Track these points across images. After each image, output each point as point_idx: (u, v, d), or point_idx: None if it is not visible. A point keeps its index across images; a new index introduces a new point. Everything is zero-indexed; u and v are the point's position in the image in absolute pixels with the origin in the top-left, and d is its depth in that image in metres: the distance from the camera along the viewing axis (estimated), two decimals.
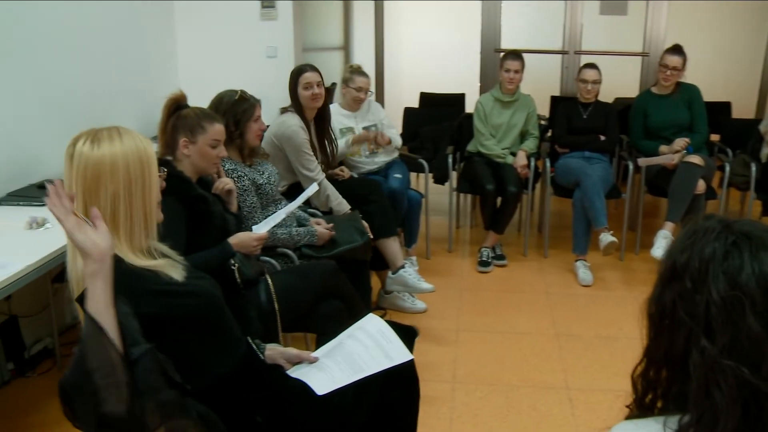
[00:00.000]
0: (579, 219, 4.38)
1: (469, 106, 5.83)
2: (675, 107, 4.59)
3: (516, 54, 4.60)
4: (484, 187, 4.38)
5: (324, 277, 2.79)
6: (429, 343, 3.46)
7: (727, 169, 4.61)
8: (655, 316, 1.12)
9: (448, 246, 4.88)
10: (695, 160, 4.25)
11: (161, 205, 1.72)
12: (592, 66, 4.64)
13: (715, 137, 5.22)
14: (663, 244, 4.09)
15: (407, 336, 2.10)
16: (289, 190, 3.64)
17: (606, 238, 4.13)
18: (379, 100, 7.84)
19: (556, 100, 5.88)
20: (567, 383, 3.15)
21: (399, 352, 1.98)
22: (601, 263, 4.50)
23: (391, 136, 4.25)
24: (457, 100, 6.26)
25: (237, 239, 2.58)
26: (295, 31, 5.14)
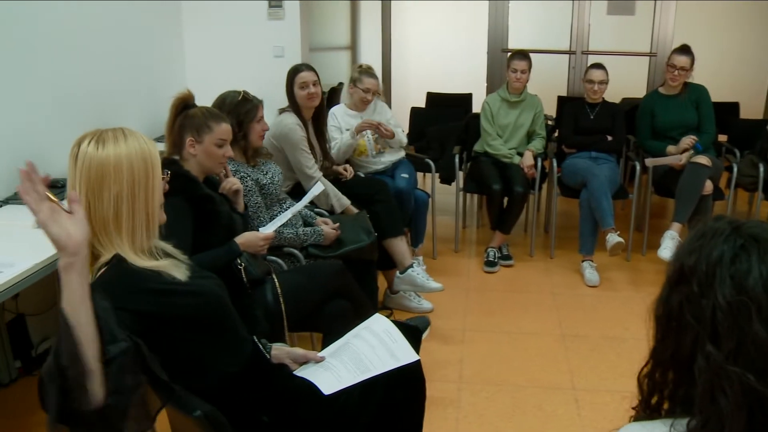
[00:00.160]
0: (586, 219, 4.37)
1: (476, 106, 5.83)
2: (682, 107, 4.57)
3: (523, 54, 4.59)
4: (491, 187, 4.37)
5: (331, 277, 2.79)
6: (435, 343, 3.46)
7: (734, 169, 4.59)
8: (662, 318, 1.10)
9: (455, 246, 4.87)
10: (703, 160, 4.23)
11: (165, 206, 1.72)
12: (598, 66, 4.62)
13: (722, 138, 5.21)
14: (670, 245, 4.07)
15: (413, 336, 2.11)
16: (294, 189, 3.64)
17: (613, 239, 4.12)
18: (386, 100, 7.85)
19: (563, 100, 5.88)
20: (573, 384, 3.14)
21: (405, 353, 1.98)
22: (607, 264, 4.49)
23: (397, 134, 4.25)
24: (464, 100, 6.26)
25: (244, 239, 2.59)
26: (302, 31, 5.14)
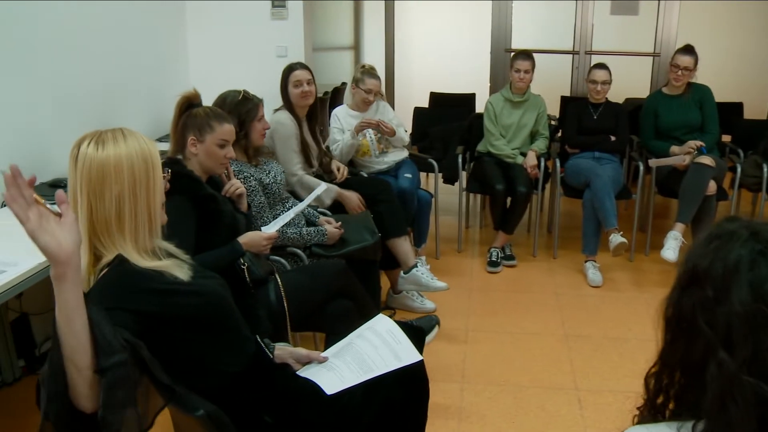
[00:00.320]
0: (589, 219, 4.36)
1: (479, 106, 5.83)
2: (686, 108, 4.56)
3: (526, 54, 4.59)
4: (494, 187, 4.37)
5: (334, 277, 2.79)
6: (438, 343, 3.44)
7: (738, 170, 4.58)
8: (672, 320, 1.07)
9: (458, 246, 4.87)
10: (706, 161, 4.22)
11: (168, 206, 1.72)
12: (602, 66, 4.62)
13: (726, 138, 5.19)
14: (673, 246, 4.07)
15: (417, 336, 2.10)
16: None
17: (616, 239, 4.12)
18: (389, 99, 7.84)
19: (567, 100, 5.88)
20: (576, 384, 3.14)
21: (408, 353, 1.98)
22: (610, 264, 4.48)
23: (398, 132, 4.24)
24: (468, 100, 6.26)
25: (247, 238, 2.58)
26: (306, 31, 5.15)
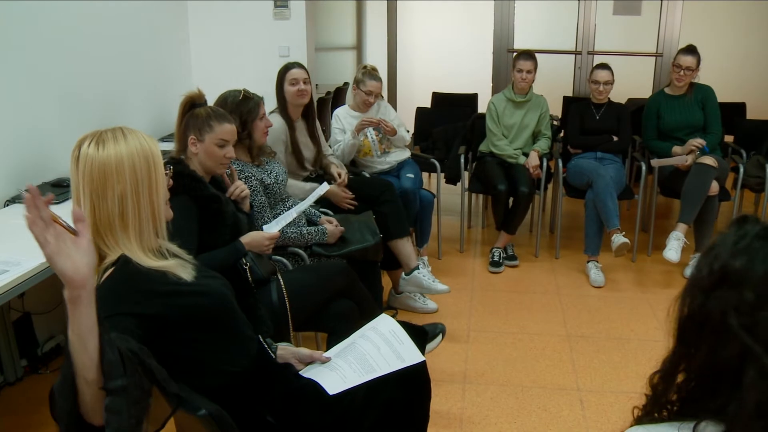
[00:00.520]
0: (591, 220, 4.36)
1: (481, 106, 5.83)
2: (688, 108, 4.56)
3: (529, 54, 4.58)
4: (496, 187, 4.37)
5: (336, 277, 2.79)
6: (440, 344, 3.45)
7: (741, 170, 4.57)
8: (693, 324, 1.01)
9: (460, 246, 4.87)
10: (709, 161, 4.22)
11: (171, 204, 1.72)
12: (604, 66, 4.61)
13: (729, 138, 5.19)
14: (675, 246, 4.06)
15: (419, 337, 2.10)
16: None
17: (618, 239, 4.11)
18: (392, 99, 7.86)
19: (569, 100, 5.88)
20: (578, 384, 3.14)
21: (411, 354, 1.98)
22: (612, 264, 4.48)
23: (399, 132, 4.24)
24: (470, 100, 6.26)
25: (249, 238, 2.59)
26: (308, 31, 5.15)
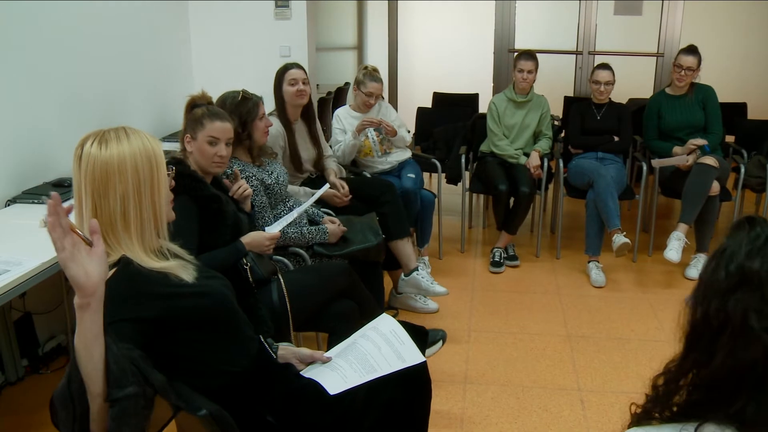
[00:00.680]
0: (592, 220, 4.36)
1: (482, 106, 5.83)
2: (689, 108, 4.55)
3: (530, 54, 4.58)
4: (497, 187, 4.37)
5: (337, 277, 2.79)
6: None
7: (742, 170, 4.57)
8: (708, 329, 1.00)
9: (461, 246, 4.87)
10: (709, 161, 4.21)
11: (173, 204, 1.72)
12: (605, 67, 4.61)
13: (730, 138, 5.19)
14: (676, 246, 4.06)
15: (420, 337, 2.10)
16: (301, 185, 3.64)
17: (619, 240, 4.11)
18: (393, 99, 7.86)
19: (570, 100, 5.88)
20: (579, 385, 3.14)
21: (412, 354, 1.98)
22: (613, 264, 4.48)
23: (400, 132, 4.24)
24: (471, 100, 6.27)
25: (250, 238, 2.59)
26: (309, 31, 5.15)
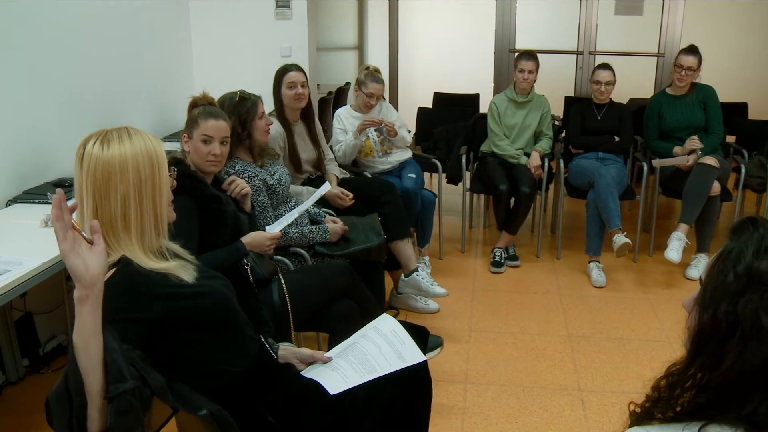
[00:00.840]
0: (592, 220, 4.36)
1: (483, 106, 5.83)
2: (690, 108, 4.55)
3: (530, 54, 4.58)
4: (498, 187, 4.37)
5: (337, 277, 2.79)
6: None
7: (742, 170, 4.57)
8: (717, 332, 1.00)
9: (461, 246, 4.87)
10: (710, 161, 4.21)
11: (174, 204, 1.72)
12: (605, 67, 4.61)
13: (730, 138, 5.18)
14: (676, 246, 4.06)
15: (420, 337, 2.10)
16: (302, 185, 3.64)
17: (619, 240, 4.11)
18: (393, 99, 7.86)
19: (571, 100, 5.88)
20: (579, 385, 3.14)
21: (412, 354, 1.98)
22: (614, 264, 4.48)
23: (400, 132, 4.24)
24: (471, 100, 6.27)
25: (250, 238, 2.59)
26: (310, 31, 5.16)
